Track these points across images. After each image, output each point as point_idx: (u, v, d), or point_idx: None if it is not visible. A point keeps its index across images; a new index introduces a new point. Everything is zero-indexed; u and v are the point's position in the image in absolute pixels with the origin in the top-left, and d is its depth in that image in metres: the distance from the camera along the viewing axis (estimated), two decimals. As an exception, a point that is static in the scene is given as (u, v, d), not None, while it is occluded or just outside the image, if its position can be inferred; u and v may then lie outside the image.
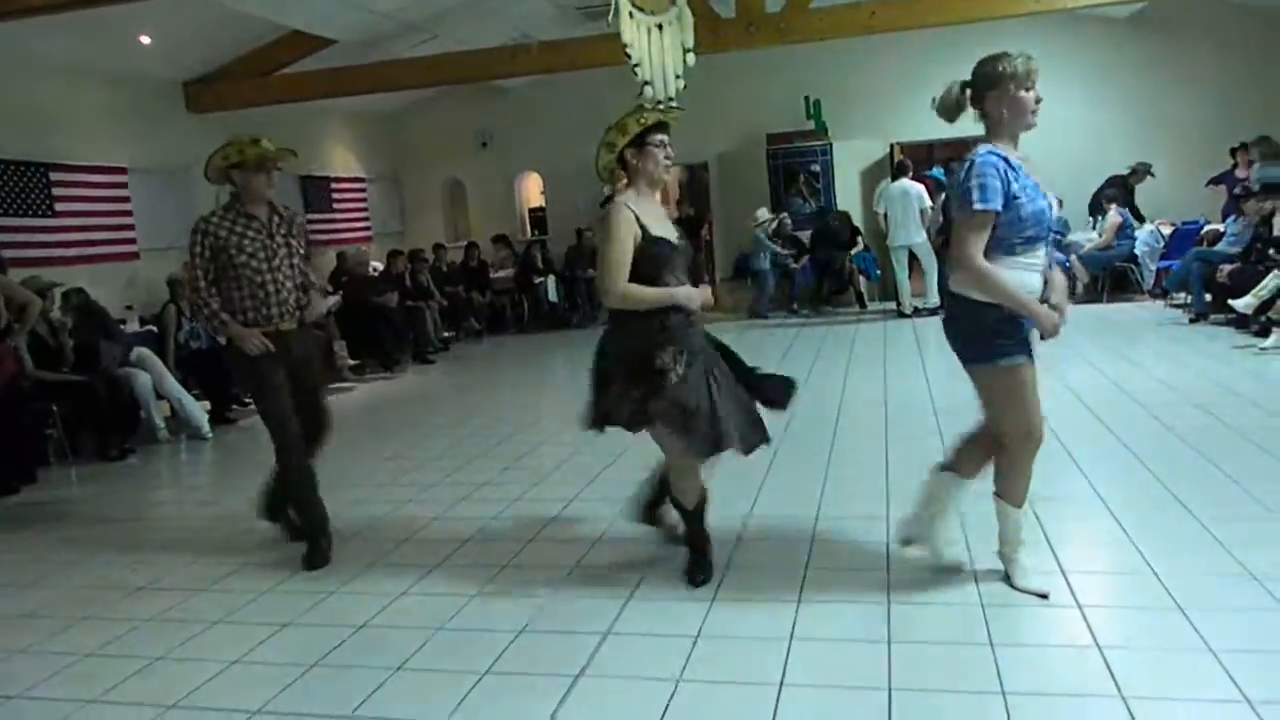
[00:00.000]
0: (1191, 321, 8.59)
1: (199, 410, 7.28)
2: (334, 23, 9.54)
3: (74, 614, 3.73)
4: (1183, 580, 3.14)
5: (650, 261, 3.32)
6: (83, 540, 4.76)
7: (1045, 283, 3.07)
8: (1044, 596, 3.11)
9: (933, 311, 10.35)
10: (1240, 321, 7.80)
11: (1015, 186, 2.91)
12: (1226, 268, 8.28)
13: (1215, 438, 4.85)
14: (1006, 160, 2.96)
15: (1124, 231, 10.33)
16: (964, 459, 3.34)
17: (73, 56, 8.66)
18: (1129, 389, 6.12)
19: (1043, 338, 3.02)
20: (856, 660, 2.80)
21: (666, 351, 3.26)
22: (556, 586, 3.58)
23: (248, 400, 8.35)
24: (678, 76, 6.34)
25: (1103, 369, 6.83)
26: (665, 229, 3.41)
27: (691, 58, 6.46)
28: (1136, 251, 10.43)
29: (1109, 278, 10.50)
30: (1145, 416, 5.41)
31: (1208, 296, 8.53)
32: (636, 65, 5.29)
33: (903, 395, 6.54)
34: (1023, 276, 2.97)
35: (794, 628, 3.04)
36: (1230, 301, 7.79)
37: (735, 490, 4.58)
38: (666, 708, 2.62)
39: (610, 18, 4.56)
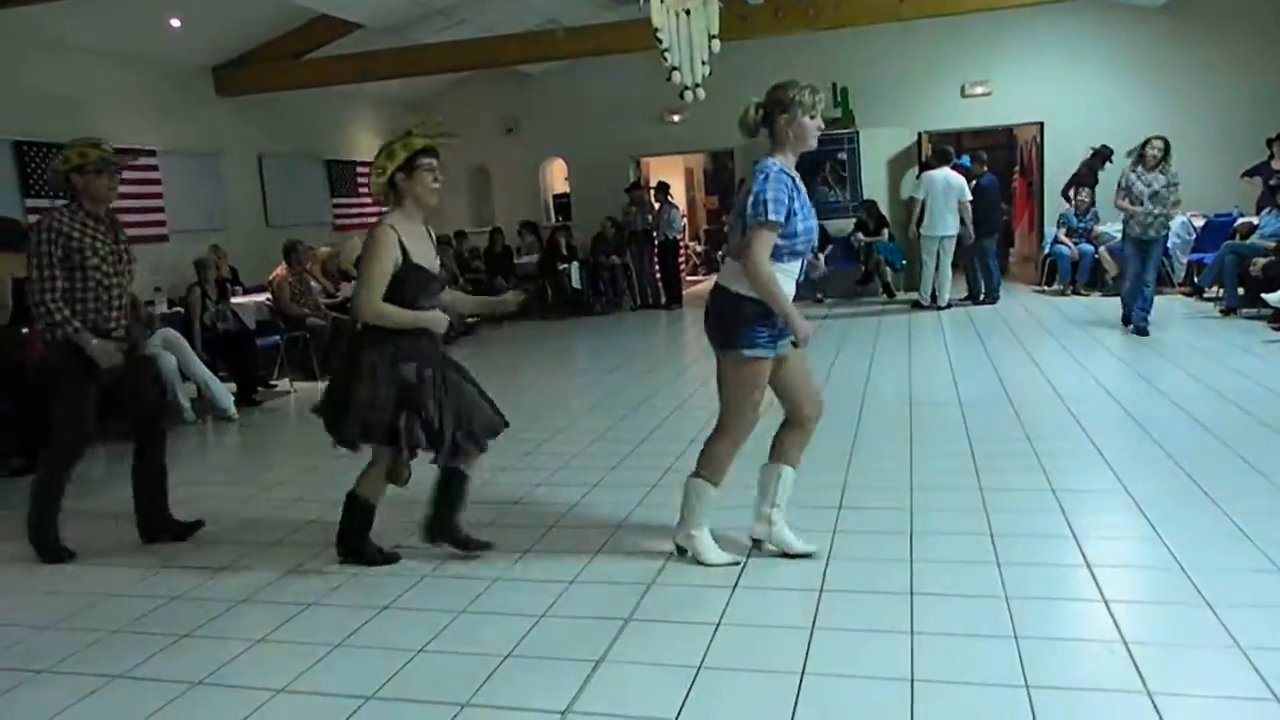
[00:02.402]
0: (1223, 314, 8.49)
1: (225, 392, 7.34)
2: (361, 7, 9.56)
3: (100, 590, 3.78)
4: (1211, 576, 3.10)
5: (408, 286, 3.53)
6: (109, 519, 4.81)
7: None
8: (735, 563, 3.46)
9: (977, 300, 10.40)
10: (1274, 316, 7.70)
11: (795, 204, 3.23)
12: (1260, 261, 8.16)
13: (1245, 432, 4.79)
14: (793, 178, 3.28)
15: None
16: (785, 447, 3.56)
17: (103, 40, 8.73)
18: (1157, 382, 6.04)
19: (796, 345, 3.35)
20: (879, 651, 2.79)
21: (409, 366, 3.53)
22: (578, 572, 3.59)
23: (273, 383, 8.44)
24: (704, 63, 6.33)
25: (1130, 362, 6.76)
26: (426, 254, 3.63)
27: (716, 44, 6.45)
28: (1167, 244, 10.27)
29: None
30: (1174, 410, 5.35)
31: (1240, 290, 8.42)
32: (666, 50, 5.28)
33: (926, 387, 6.50)
34: (785, 283, 3.28)
35: (816, 617, 3.03)
36: (1264, 295, 7.68)
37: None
38: (687, 695, 2.62)
39: (642, 2, 4.56)
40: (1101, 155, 11.42)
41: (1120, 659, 2.63)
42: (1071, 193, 11.31)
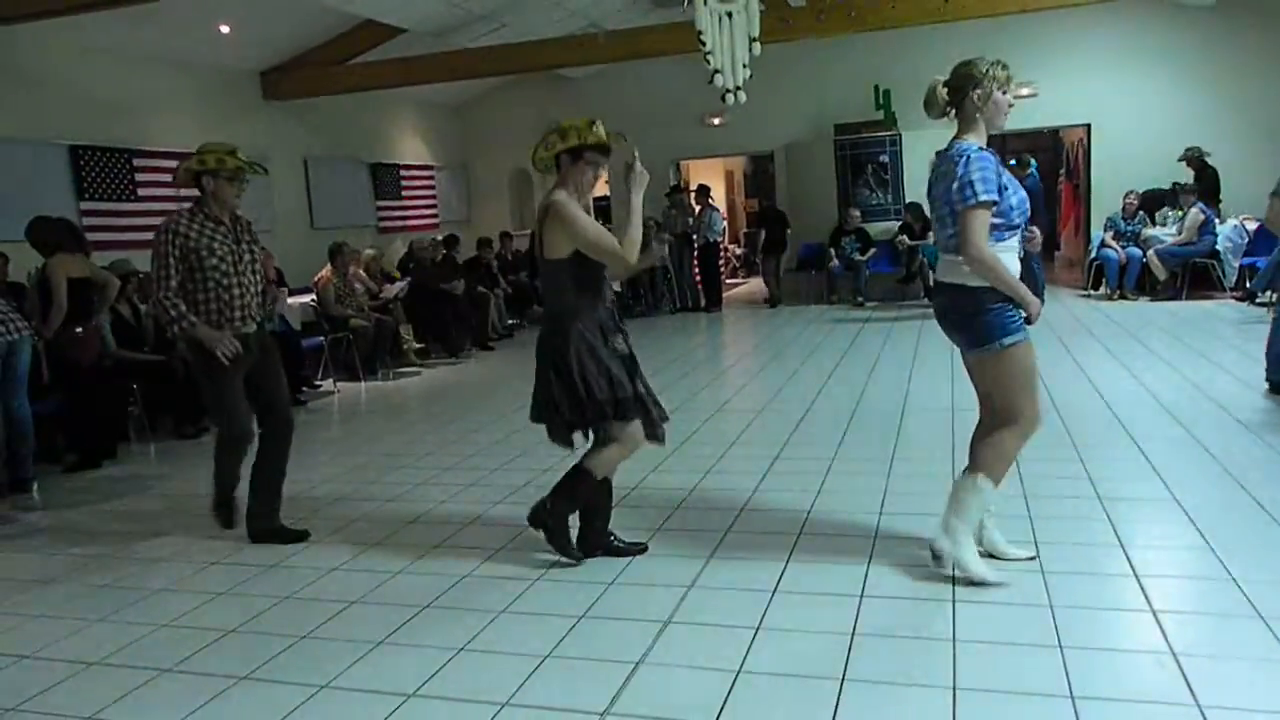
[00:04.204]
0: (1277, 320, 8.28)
1: (270, 391, 7.44)
2: (406, 13, 9.67)
3: (151, 585, 3.86)
4: (1263, 587, 3.04)
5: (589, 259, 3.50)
6: (159, 515, 4.92)
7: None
8: (1001, 586, 3.18)
9: None
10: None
11: (1004, 179, 3.15)
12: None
13: (1301, 441, 4.68)
14: (994, 155, 3.21)
15: (1205, 228, 9.99)
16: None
17: (155, 46, 8.93)
18: (1207, 388, 5.92)
19: (1030, 321, 3.19)
20: (921, 658, 2.76)
21: (618, 337, 3.55)
22: (617, 574, 3.60)
23: (317, 384, 8.56)
24: (745, 65, 6.32)
25: (1180, 368, 6.62)
26: None
27: (758, 47, 6.43)
28: (1218, 247, 10.07)
29: (1189, 274, 10.16)
30: (1224, 417, 5.23)
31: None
32: (709, 53, 5.29)
33: (969, 392, 6.41)
34: (1009, 260, 3.18)
35: (857, 623, 3.01)
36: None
37: (797, 484, 4.56)
38: (727, 698, 2.62)
39: (685, 5, 4.59)
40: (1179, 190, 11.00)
41: (1169, 671, 2.59)
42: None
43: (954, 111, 3.30)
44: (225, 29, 9.28)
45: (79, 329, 6.04)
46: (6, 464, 5.34)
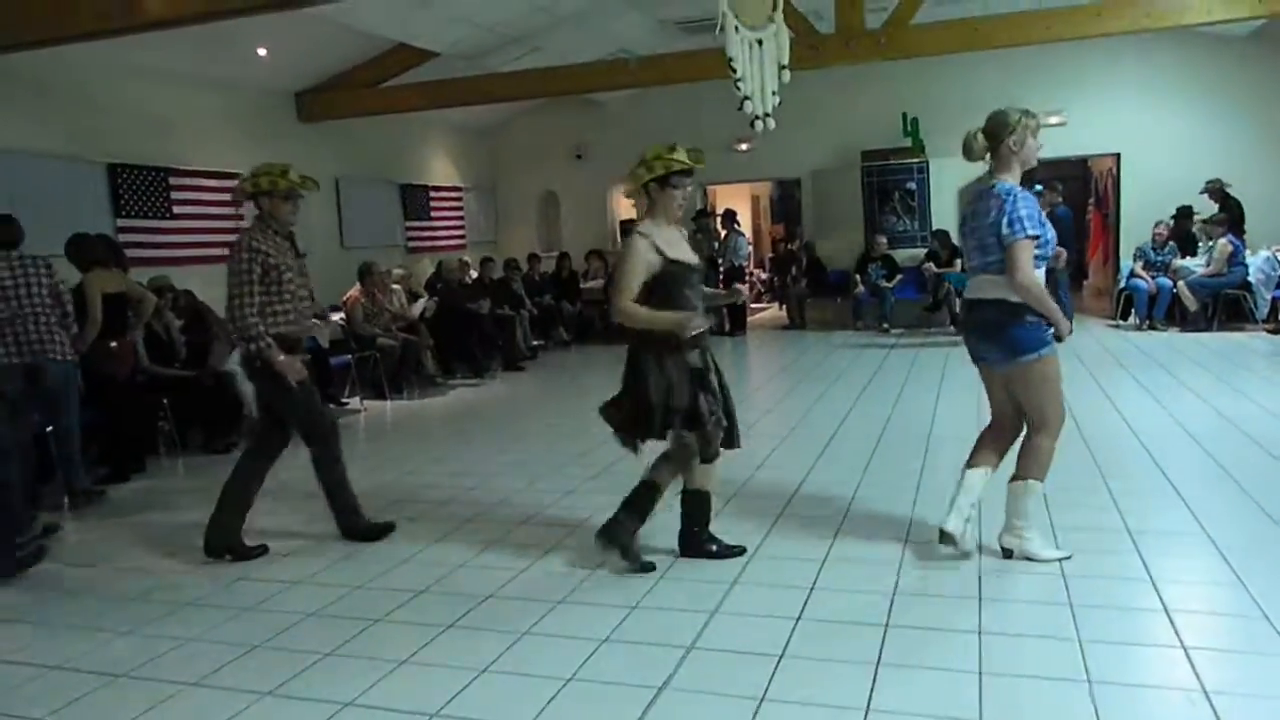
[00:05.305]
0: (1310, 354, 8.19)
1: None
2: (438, 37, 9.80)
3: (177, 599, 3.90)
4: (1297, 626, 2.99)
5: (669, 281, 3.70)
6: (187, 529, 4.94)
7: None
8: (1068, 558, 3.64)
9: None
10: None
11: (1041, 216, 3.55)
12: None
13: (1335, 477, 4.60)
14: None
15: (1235, 258, 9.89)
16: (990, 454, 3.86)
17: (193, 68, 9.09)
18: (1238, 421, 5.84)
19: (1059, 339, 3.59)
20: (947, 690, 2.73)
21: (694, 352, 3.69)
22: (640, 597, 3.59)
23: (344, 401, 8.63)
24: (774, 92, 6.34)
25: (1210, 400, 6.55)
26: (682, 250, 3.81)
27: (787, 74, 6.45)
28: (1250, 279, 9.96)
29: (1221, 305, 10.06)
30: (1256, 450, 5.16)
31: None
32: (740, 80, 5.32)
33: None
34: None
35: (881, 653, 2.99)
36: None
37: (824, 509, 4.53)
38: (749, 726, 2.61)
39: (717, 32, 4.68)
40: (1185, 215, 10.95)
41: (1200, 709, 2.55)
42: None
43: (989, 155, 3.71)
44: (263, 52, 9.44)
45: (113, 343, 6.13)
46: (64, 473, 5.58)
